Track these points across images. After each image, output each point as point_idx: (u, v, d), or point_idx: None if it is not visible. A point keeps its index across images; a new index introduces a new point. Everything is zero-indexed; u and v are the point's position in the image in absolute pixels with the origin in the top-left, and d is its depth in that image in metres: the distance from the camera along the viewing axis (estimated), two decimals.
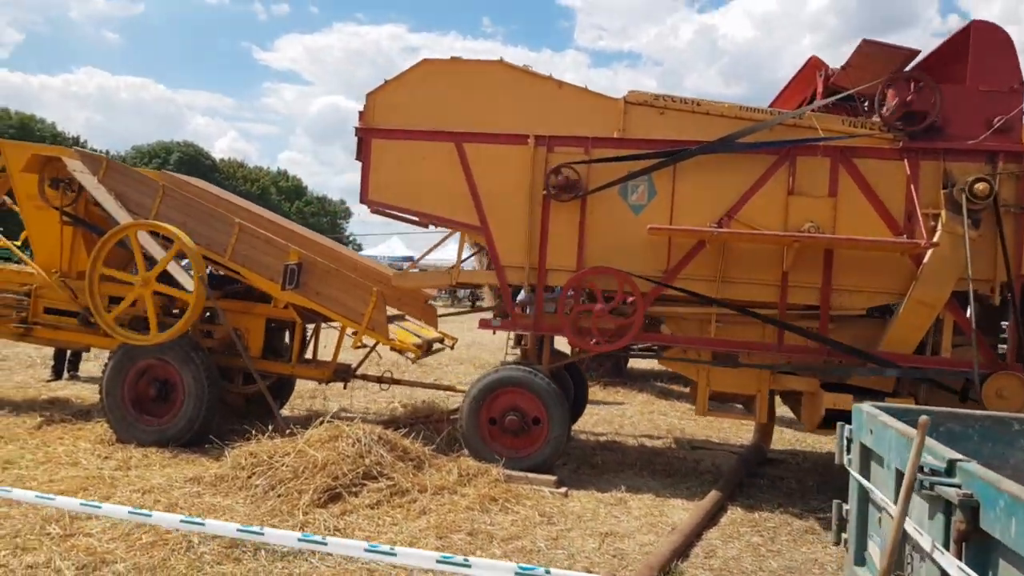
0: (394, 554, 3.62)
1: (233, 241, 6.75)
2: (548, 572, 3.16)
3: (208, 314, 7.00)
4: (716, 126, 5.94)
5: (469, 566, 3.51)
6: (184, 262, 6.90)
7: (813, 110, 5.95)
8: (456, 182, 6.21)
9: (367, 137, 6.34)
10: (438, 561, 3.52)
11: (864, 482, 3.34)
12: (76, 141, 54.44)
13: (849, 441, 3.55)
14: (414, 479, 5.50)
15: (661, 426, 8.70)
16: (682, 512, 5.56)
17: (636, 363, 12.36)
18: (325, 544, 3.71)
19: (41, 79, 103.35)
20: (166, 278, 6.67)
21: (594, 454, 7.02)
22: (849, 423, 3.58)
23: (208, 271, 6.75)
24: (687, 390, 11.10)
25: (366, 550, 3.62)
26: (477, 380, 6.23)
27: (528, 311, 9.88)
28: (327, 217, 59.99)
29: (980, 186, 5.49)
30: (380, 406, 8.72)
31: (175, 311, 7.02)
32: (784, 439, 8.26)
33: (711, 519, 5.38)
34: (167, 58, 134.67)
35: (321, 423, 5.86)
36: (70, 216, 7.19)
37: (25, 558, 4.05)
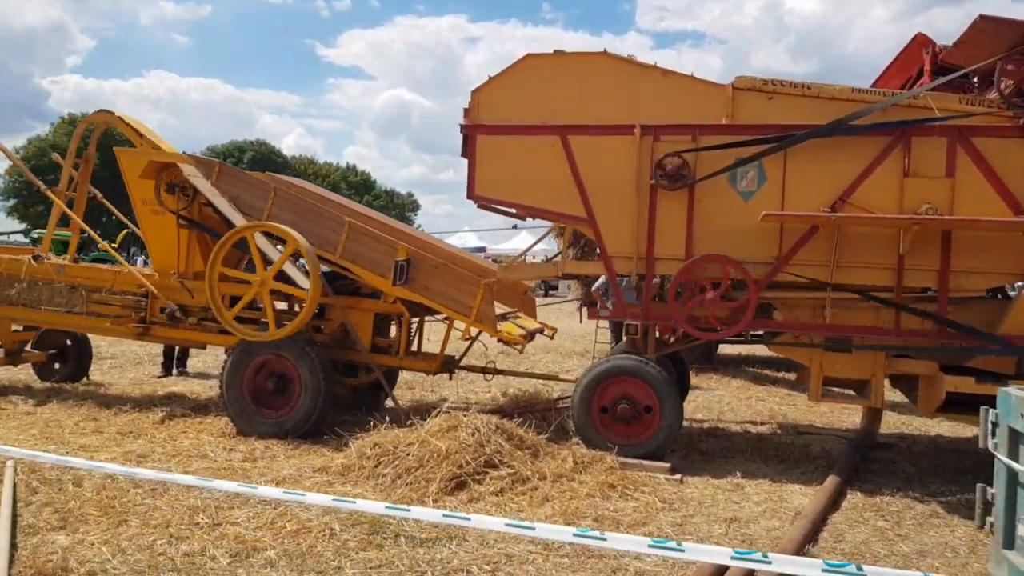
0: (533, 528, 3.75)
1: (343, 239, 6.98)
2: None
3: (319, 310, 7.26)
4: (827, 109, 5.86)
5: (605, 539, 3.62)
6: (299, 261, 7.17)
7: (929, 90, 5.81)
8: (562, 175, 6.28)
9: (472, 133, 6.46)
10: (575, 535, 3.64)
11: (1016, 466, 3.31)
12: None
13: (995, 425, 3.51)
14: (533, 467, 5.62)
15: (762, 411, 8.65)
16: (801, 497, 5.55)
17: (726, 348, 12.29)
18: (469, 520, 3.84)
19: (114, 84, 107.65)
20: (281, 276, 6.94)
21: (700, 441, 7.04)
22: (988, 406, 3.55)
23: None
24: (781, 375, 11.02)
25: (507, 525, 3.76)
26: (587, 369, 6.32)
27: (608, 298, 9.94)
28: (396, 210, 60.87)
29: None
30: (480, 396, 8.90)
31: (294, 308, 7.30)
32: (889, 423, 8.11)
33: (833, 504, 5.36)
34: (234, 58, 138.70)
35: (438, 413, 6.05)
36: (186, 219, 7.54)
37: (180, 546, 4.28)
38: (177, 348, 10.25)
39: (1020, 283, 5.93)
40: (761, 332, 6.70)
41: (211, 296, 6.87)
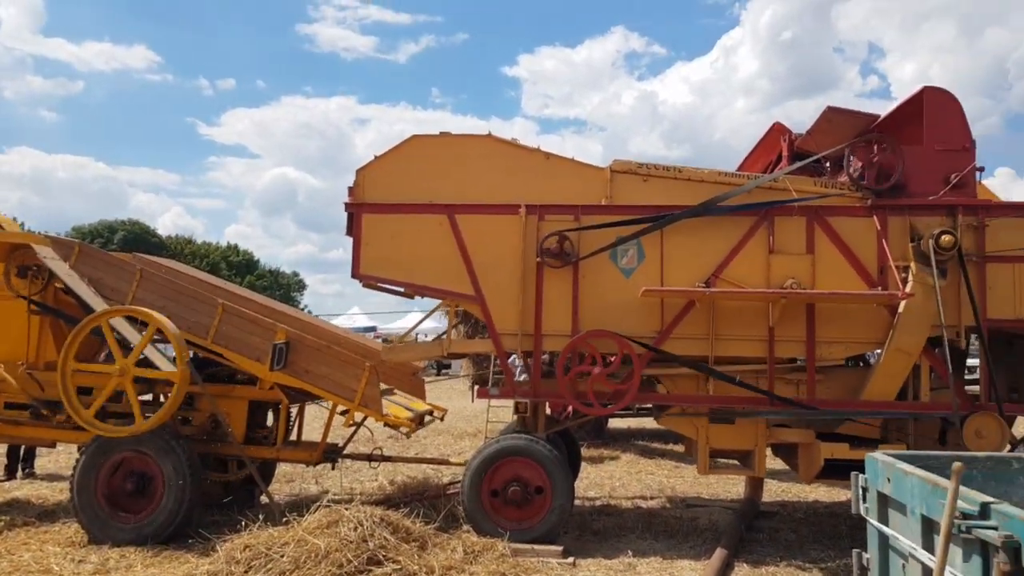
0: None
1: (216, 322, 6.59)
2: None
3: (187, 399, 6.74)
4: (698, 191, 6.19)
5: None
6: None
7: (787, 173, 6.26)
8: (449, 253, 6.26)
9: (358, 212, 6.36)
10: None
11: (886, 530, 3.39)
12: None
13: (864, 490, 3.62)
14: (420, 561, 5.30)
15: (651, 485, 8.69)
16: (691, 573, 5.54)
17: (616, 423, 12.38)
18: None
19: None
20: (144, 365, 6.41)
21: (593, 520, 6.94)
22: (858, 472, 3.67)
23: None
24: (669, 447, 11.19)
25: None
26: (477, 452, 6.14)
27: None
28: (280, 290, 58.79)
29: (946, 238, 5.83)
30: (365, 486, 8.45)
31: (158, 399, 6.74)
32: (771, 490, 8.33)
33: None
34: (107, 136, 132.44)
35: (318, 508, 5.65)
36: (39, 305, 6.90)
37: None
38: (23, 447, 9.21)
39: (879, 351, 6.33)
40: (650, 406, 6.78)
41: (63, 387, 6.24)
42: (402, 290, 6.80)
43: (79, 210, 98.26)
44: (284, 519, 5.61)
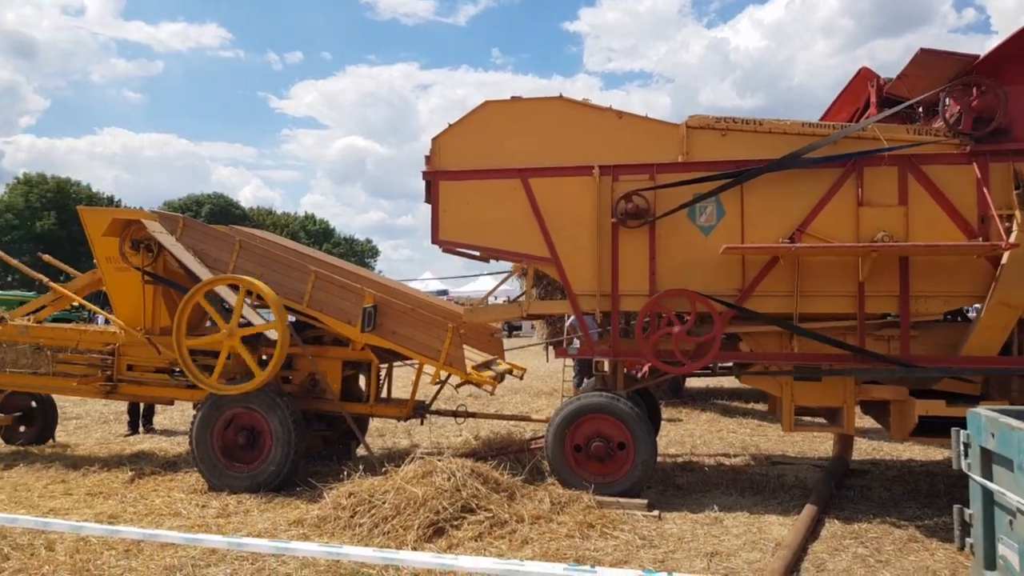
0: (522, 564, 3.70)
1: (310, 288, 6.97)
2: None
3: (287, 360, 7.19)
4: (779, 143, 6.05)
5: (595, 573, 3.61)
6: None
7: (877, 121, 6.02)
8: (524, 217, 6.37)
9: (435, 180, 6.54)
10: (565, 570, 3.60)
11: (991, 486, 3.36)
12: (110, 200, 55.91)
13: (966, 446, 3.58)
14: (510, 510, 5.57)
15: (734, 443, 8.69)
16: (780, 528, 5.57)
17: (693, 382, 12.36)
18: (456, 561, 3.78)
19: (67, 142, 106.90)
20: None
21: (676, 475, 7.05)
22: (959, 428, 3.62)
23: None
24: (750, 406, 11.11)
25: (495, 564, 3.70)
26: (559, 408, 6.32)
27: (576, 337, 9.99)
28: (355, 257, 60.92)
29: None
30: (452, 440, 8.82)
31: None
32: (861, 449, 8.20)
33: (812, 533, 5.38)
34: (187, 113, 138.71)
35: (412, 460, 5.99)
36: (151, 275, 7.47)
37: None
38: (143, 405, 10.05)
39: (977, 305, 6.09)
40: (730, 364, 6.76)
41: (178, 350, 6.78)
42: (479, 254, 7.00)
43: (166, 185, 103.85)
44: (384, 469, 5.98)
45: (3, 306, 16.33)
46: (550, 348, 13.46)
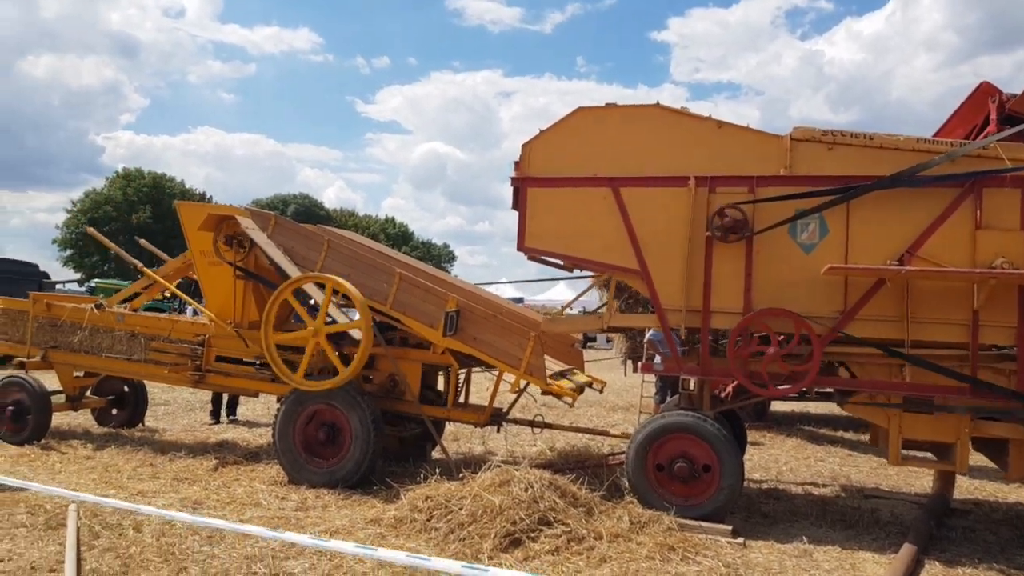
0: None
1: (394, 290, 7.01)
2: None
3: (368, 360, 7.24)
4: (890, 159, 5.73)
5: None
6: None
7: (1000, 139, 5.63)
8: (613, 227, 6.22)
9: (523, 186, 6.47)
10: None
11: None
12: (202, 196, 58.46)
13: None
14: (588, 526, 5.43)
15: (822, 472, 8.29)
16: (875, 566, 5.24)
17: (777, 405, 11.90)
18: None
19: (163, 139, 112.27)
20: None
21: (761, 502, 6.75)
22: None
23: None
24: (839, 434, 10.61)
25: None
26: (642, 426, 6.14)
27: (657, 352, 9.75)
28: (432, 261, 61.98)
29: None
30: (526, 450, 8.73)
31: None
32: (962, 487, 7.67)
33: (911, 575, 5.03)
34: (277, 114, 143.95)
35: (490, 467, 5.92)
36: (243, 270, 7.67)
37: None
38: (226, 396, 10.36)
39: None
40: (830, 390, 6.42)
41: (266, 344, 6.93)
42: (564, 263, 6.89)
43: (255, 184, 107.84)
44: (460, 475, 5.93)
45: (101, 294, 17.22)
46: (628, 362, 13.24)
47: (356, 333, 6.83)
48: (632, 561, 5.01)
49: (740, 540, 5.58)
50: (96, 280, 35.35)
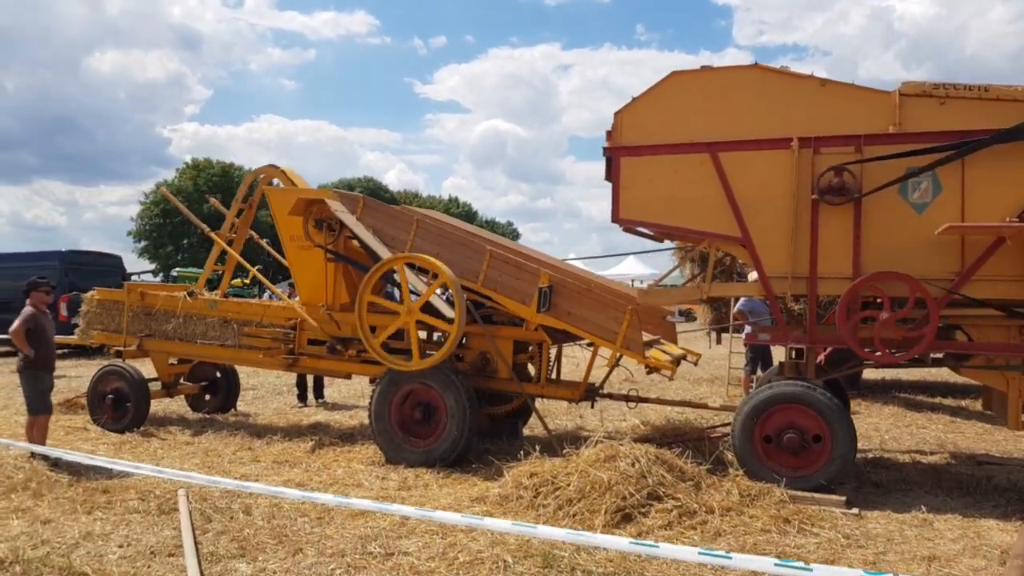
0: (730, 558, 3.51)
1: (485, 268, 7.00)
2: None
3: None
4: (1007, 112, 5.42)
5: (811, 570, 3.32)
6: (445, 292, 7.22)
7: None
8: (712, 193, 6.07)
9: (616, 156, 6.35)
10: (776, 565, 3.37)
11: None
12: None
13: None
14: (698, 499, 5.36)
15: (927, 439, 8.02)
16: (1001, 534, 5.04)
17: (869, 373, 11.56)
18: (658, 548, 3.64)
19: (228, 129, 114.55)
20: (426, 307, 7.01)
21: (869, 471, 6.56)
22: None
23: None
24: (937, 400, 10.25)
25: (700, 554, 3.50)
26: (749, 397, 6.01)
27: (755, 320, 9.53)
28: None
29: None
30: (617, 424, 8.69)
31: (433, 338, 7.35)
32: None
33: None
34: (337, 100, 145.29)
35: (594, 443, 5.89)
36: (333, 253, 7.76)
37: (358, 575, 4.31)
38: (311, 378, 10.58)
39: None
40: (941, 355, 6.19)
41: (361, 326, 7.02)
42: (657, 233, 6.75)
43: (319, 169, 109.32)
44: (564, 452, 5.92)
45: (186, 282, 17.73)
46: (712, 333, 13.04)
47: (448, 311, 6.84)
48: (748, 534, 4.93)
49: (855, 511, 5.43)
50: (178, 269, 36.40)
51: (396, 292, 7.51)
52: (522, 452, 6.23)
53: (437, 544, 4.77)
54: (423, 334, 7.64)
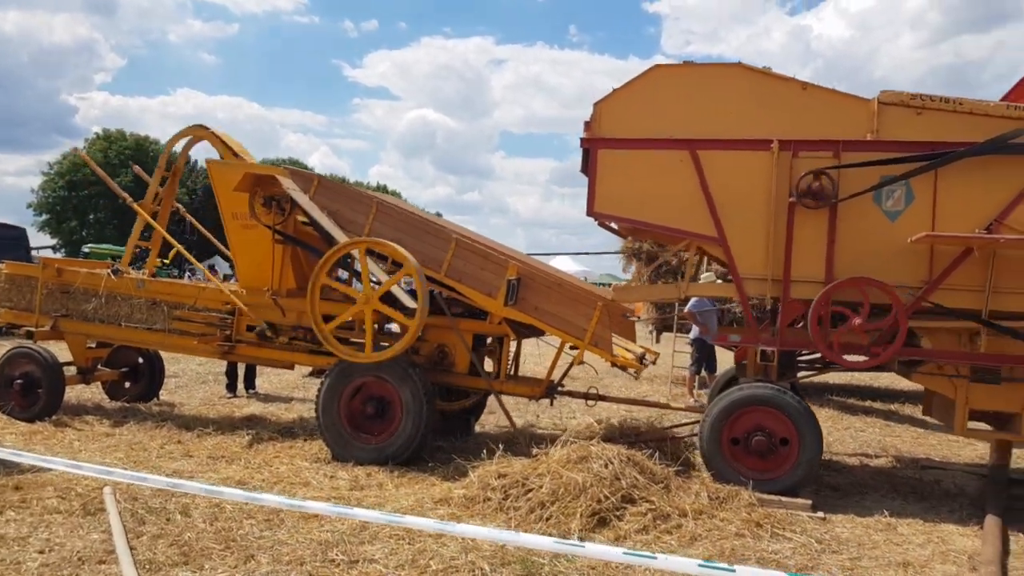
0: (733, 571, 3.39)
1: (449, 257, 6.69)
2: None
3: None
4: (980, 126, 5.54)
5: None
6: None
7: None
8: (690, 191, 5.97)
9: (594, 147, 6.17)
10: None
11: None
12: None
13: None
14: (670, 502, 5.25)
15: (869, 442, 8.25)
16: (962, 539, 5.16)
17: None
18: (655, 559, 3.50)
19: (140, 101, 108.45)
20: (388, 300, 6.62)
21: (824, 474, 6.64)
22: None
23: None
24: (866, 403, 10.61)
25: (700, 566, 3.39)
26: (718, 399, 5.95)
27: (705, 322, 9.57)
28: None
29: None
30: (566, 422, 8.55)
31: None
32: (1019, 457, 7.66)
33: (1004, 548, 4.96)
34: (260, 77, 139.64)
35: (562, 443, 5.70)
36: (283, 235, 7.25)
37: None
38: (244, 368, 9.96)
39: None
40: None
41: (312, 313, 6.58)
42: (618, 228, 6.60)
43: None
44: (534, 452, 5.70)
45: (100, 259, 16.44)
46: (653, 332, 13.14)
47: (410, 302, 6.50)
48: (723, 539, 4.86)
49: (820, 515, 5.46)
50: (90, 246, 33.77)
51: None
52: (484, 451, 5.97)
53: (405, 550, 4.46)
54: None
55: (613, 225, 6.63)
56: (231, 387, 9.96)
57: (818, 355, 6.54)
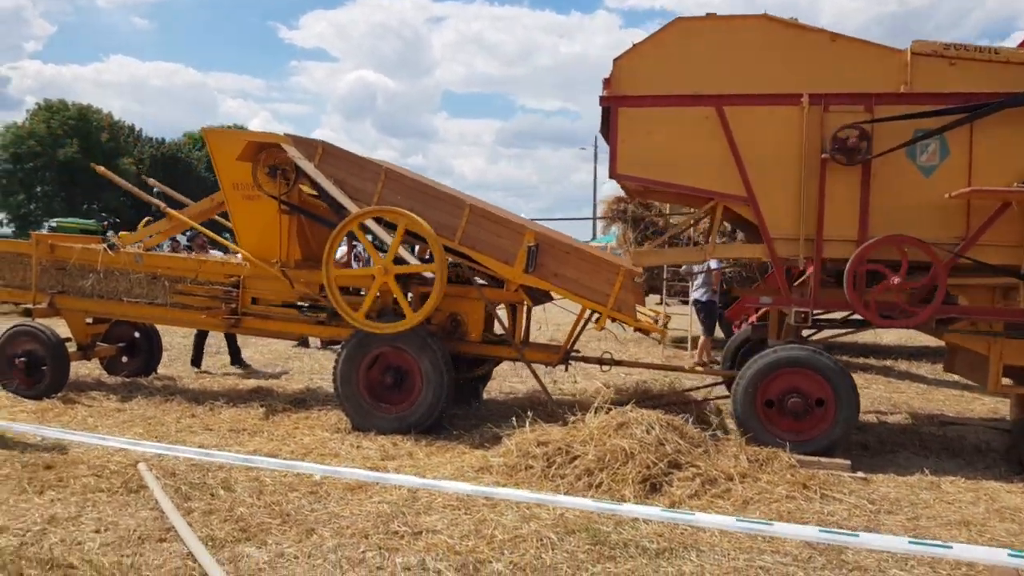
0: (856, 535, 3.39)
1: (463, 223, 6.45)
2: None
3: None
4: (1017, 75, 5.43)
5: (857, 536, 3.43)
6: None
7: None
8: (716, 149, 5.81)
9: (614, 106, 5.95)
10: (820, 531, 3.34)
11: None
12: (131, 129, 54.83)
13: None
14: (715, 466, 5.18)
15: (879, 400, 8.29)
16: (1009, 496, 5.15)
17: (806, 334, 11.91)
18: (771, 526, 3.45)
19: (73, 69, 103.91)
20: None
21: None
22: None
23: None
24: (859, 360, 10.69)
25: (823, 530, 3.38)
26: (751, 361, 5.87)
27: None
28: None
29: None
30: (571, 387, 8.47)
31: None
32: None
33: None
34: (195, 42, 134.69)
35: (598, 409, 5.58)
36: (288, 204, 6.95)
37: (396, 559, 3.82)
38: (228, 342, 9.68)
39: None
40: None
41: (329, 286, 6.35)
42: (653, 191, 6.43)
43: (176, 116, 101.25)
44: (572, 419, 5.59)
45: (69, 234, 15.83)
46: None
47: (425, 271, 6.29)
48: (776, 501, 4.80)
49: (861, 475, 5.43)
50: (56, 220, 32.52)
51: (360, 248, 6.83)
52: (514, 419, 5.83)
53: (464, 520, 4.34)
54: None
55: (627, 185, 6.44)
56: (196, 361, 9.56)
57: (832, 315, 6.48)
